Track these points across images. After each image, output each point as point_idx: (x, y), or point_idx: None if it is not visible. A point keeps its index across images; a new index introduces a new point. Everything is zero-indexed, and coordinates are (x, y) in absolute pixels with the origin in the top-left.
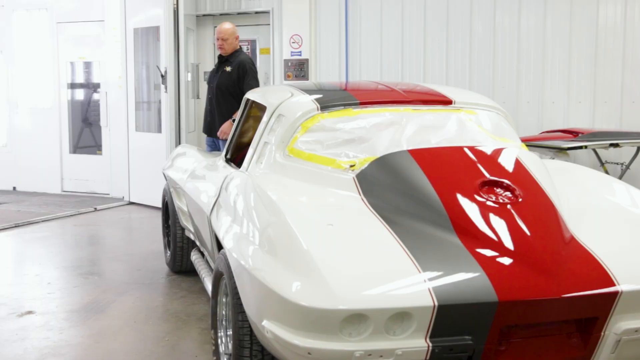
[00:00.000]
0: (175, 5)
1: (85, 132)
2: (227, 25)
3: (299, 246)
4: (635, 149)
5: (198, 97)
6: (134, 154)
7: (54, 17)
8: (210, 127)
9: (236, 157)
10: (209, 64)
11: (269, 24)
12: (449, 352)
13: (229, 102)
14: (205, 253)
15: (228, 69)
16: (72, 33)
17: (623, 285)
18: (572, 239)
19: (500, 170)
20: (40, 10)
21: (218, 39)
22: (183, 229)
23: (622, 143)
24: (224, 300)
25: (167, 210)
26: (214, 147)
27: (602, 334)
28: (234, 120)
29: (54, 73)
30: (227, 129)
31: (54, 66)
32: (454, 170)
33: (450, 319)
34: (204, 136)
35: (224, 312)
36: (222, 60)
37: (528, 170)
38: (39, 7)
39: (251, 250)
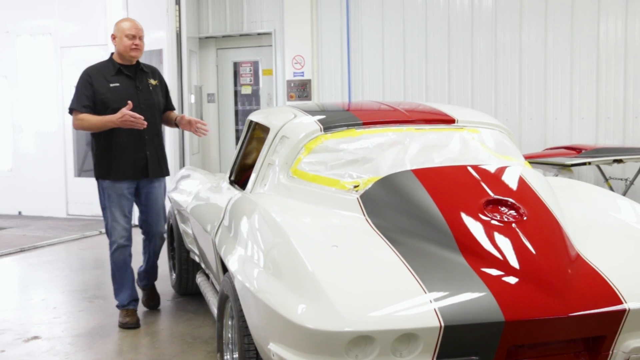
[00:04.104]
0: (178, 28)
1: (90, 155)
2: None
3: (304, 268)
4: (639, 164)
5: (201, 119)
6: None
7: (58, 42)
8: (154, 165)
9: (240, 178)
10: (212, 86)
11: (271, 45)
12: None
13: (162, 125)
14: (211, 275)
15: (154, 81)
16: (76, 57)
17: (630, 303)
18: (578, 256)
19: (504, 188)
20: (44, 35)
21: (134, 37)
22: (188, 252)
23: (625, 159)
24: (229, 323)
25: (172, 233)
26: (132, 196)
27: (611, 352)
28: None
29: (58, 97)
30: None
31: (58, 90)
32: (458, 189)
33: (457, 340)
34: (210, 157)
35: (229, 335)
36: (135, 68)
37: (532, 188)
38: (42, 32)
39: (256, 273)
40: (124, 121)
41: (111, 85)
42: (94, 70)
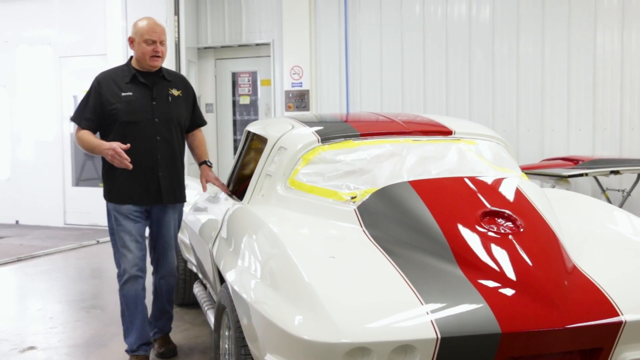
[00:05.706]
0: (177, 39)
1: (88, 164)
2: (159, 22)
3: (301, 279)
4: (635, 175)
5: None
6: None
7: (57, 52)
8: (168, 189)
9: (238, 189)
10: (210, 96)
11: (269, 56)
12: None
13: (184, 144)
14: (208, 286)
15: (176, 92)
16: (75, 67)
17: (627, 315)
18: (575, 268)
19: (501, 200)
20: (43, 45)
21: (154, 42)
22: (185, 262)
23: (622, 170)
24: (226, 333)
25: None
26: (143, 219)
27: None
28: (210, 164)
29: (57, 106)
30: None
31: (57, 100)
32: (455, 201)
33: (453, 352)
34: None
35: (227, 346)
36: (154, 76)
37: (529, 200)
38: (42, 42)
39: (253, 284)
40: (109, 155)
41: (123, 94)
42: (105, 77)
